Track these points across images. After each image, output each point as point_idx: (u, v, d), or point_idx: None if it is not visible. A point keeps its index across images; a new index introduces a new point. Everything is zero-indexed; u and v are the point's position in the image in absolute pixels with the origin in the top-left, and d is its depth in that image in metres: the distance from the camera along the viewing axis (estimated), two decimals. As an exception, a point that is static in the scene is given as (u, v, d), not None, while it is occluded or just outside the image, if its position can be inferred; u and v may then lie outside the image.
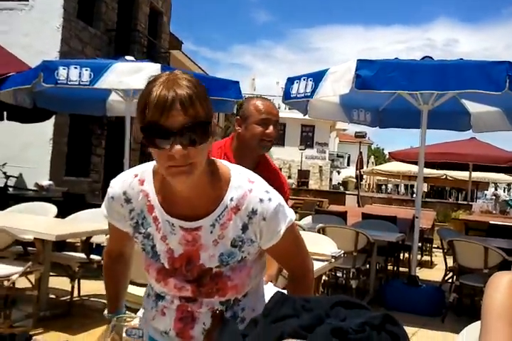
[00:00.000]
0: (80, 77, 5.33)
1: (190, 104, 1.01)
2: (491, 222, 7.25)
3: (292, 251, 1.31)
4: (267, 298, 1.03)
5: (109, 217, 1.31)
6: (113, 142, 12.53)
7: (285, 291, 1.30)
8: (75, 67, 5.34)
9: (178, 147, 1.01)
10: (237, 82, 6.00)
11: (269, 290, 1.34)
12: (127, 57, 6.19)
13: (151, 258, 1.27)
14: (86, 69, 5.33)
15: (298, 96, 5.08)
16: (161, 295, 1.31)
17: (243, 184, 1.21)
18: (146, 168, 1.25)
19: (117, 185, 1.26)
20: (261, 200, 1.19)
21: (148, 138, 1.04)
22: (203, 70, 21.53)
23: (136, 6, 14.52)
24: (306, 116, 6.09)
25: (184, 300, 1.27)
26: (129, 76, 5.23)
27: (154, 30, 15.87)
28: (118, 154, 7.60)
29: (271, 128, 2.18)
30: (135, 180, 1.24)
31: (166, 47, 16.61)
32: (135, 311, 1.74)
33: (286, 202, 1.40)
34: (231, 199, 1.20)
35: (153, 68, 5.20)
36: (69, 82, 5.35)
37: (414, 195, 8.93)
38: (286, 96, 5.27)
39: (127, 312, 2.65)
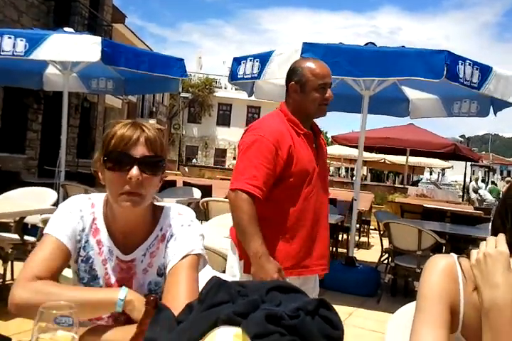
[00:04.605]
0: (14, 47, 5.06)
1: (153, 142, 1.22)
2: (424, 206, 7.55)
3: (189, 283, 1.23)
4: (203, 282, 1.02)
5: (60, 233, 1.26)
6: (50, 117, 11.96)
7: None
8: (9, 37, 5.06)
9: (137, 171, 1.18)
10: (182, 60, 5.86)
11: (206, 274, 1.33)
12: (66, 29, 5.91)
13: (86, 283, 1.32)
14: (21, 40, 5.06)
15: (245, 77, 5.02)
16: None
17: (172, 215, 1.35)
18: (98, 195, 1.37)
19: (73, 202, 1.34)
20: (182, 225, 1.32)
21: (111, 163, 1.20)
22: (147, 46, 20.89)
23: (77, -26, 13.80)
24: (252, 97, 6.06)
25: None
26: (67, 48, 5.00)
27: (96, 2, 15.17)
28: (55, 130, 7.28)
29: (329, 91, 2.15)
30: (88, 201, 1.35)
31: (109, 21, 15.95)
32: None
33: None
34: (160, 230, 1.33)
35: (92, 41, 4.99)
36: (2, 53, 5.07)
37: (354, 178, 9.19)
38: (233, 76, 5.18)
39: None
